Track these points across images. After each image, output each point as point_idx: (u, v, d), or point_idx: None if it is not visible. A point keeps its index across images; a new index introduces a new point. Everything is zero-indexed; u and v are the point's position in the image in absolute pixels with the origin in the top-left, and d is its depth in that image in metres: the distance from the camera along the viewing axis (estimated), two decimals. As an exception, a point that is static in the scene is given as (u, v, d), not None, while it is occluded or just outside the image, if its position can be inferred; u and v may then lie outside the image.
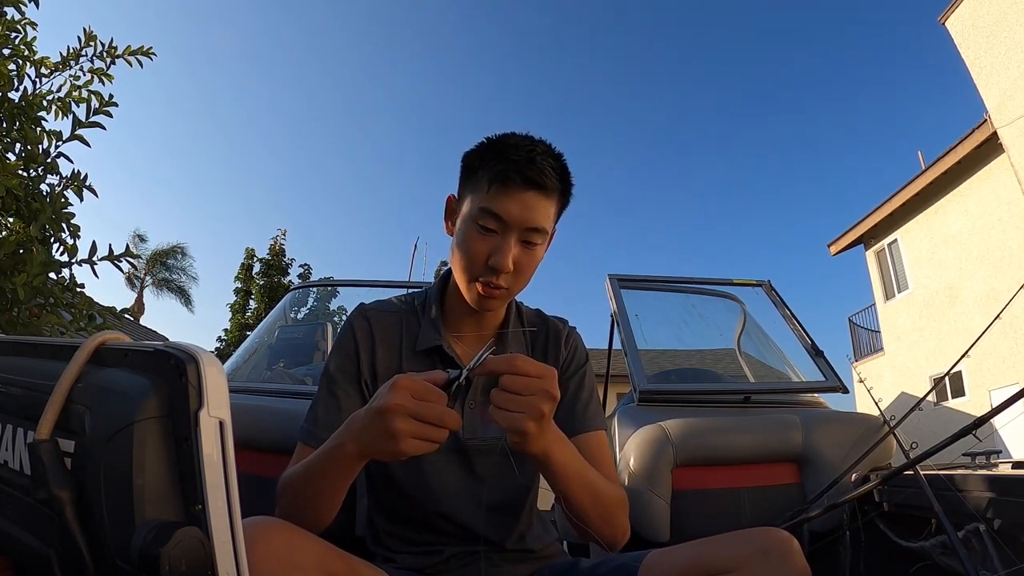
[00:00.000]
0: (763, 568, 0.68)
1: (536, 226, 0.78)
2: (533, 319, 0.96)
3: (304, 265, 12.03)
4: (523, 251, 0.79)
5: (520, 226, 0.77)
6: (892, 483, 1.20)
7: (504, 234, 0.77)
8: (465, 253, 0.79)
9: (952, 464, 1.25)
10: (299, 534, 0.62)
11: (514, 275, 0.79)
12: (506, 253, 0.76)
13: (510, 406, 0.63)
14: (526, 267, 0.80)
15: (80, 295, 1.53)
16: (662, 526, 1.35)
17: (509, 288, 0.80)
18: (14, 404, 0.50)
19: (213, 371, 0.40)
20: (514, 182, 0.76)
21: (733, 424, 1.50)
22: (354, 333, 0.87)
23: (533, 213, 0.77)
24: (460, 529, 0.86)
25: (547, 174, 0.77)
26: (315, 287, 3.53)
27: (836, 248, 11.70)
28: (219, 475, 0.39)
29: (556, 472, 0.73)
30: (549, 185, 0.77)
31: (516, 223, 0.77)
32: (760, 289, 2.24)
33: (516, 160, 0.76)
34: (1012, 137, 7.69)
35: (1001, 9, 7.89)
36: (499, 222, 0.77)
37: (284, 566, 0.58)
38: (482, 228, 0.77)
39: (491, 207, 0.76)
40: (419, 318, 0.90)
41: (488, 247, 0.77)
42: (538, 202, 0.77)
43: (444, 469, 0.86)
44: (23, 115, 1.54)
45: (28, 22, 1.62)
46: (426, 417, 0.59)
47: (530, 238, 0.79)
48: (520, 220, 0.77)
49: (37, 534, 0.45)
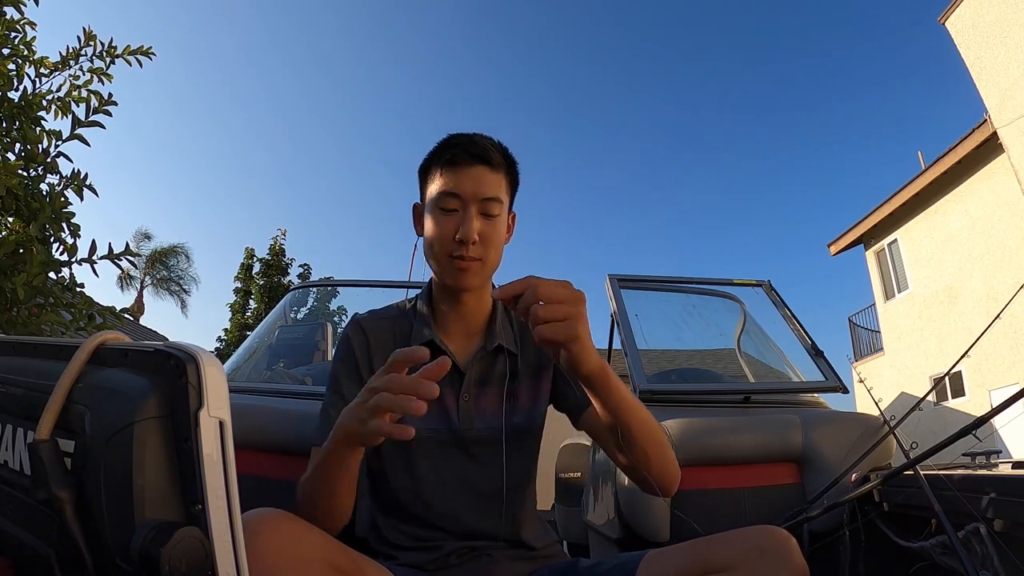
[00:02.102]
0: (761, 566, 0.68)
1: (490, 196, 0.84)
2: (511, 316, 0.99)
3: (304, 265, 12.05)
4: (485, 223, 0.85)
5: (476, 198, 0.84)
6: (892, 483, 1.20)
7: (464, 209, 0.84)
8: (434, 235, 0.85)
9: (952, 464, 1.25)
10: (303, 526, 0.63)
11: (483, 246, 0.84)
12: (469, 223, 0.82)
13: (557, 314, 0.62)
14: (491, 237, 0.85)
15: (80, 295, 1.53)
16: (662, 526, 1.35)
17: (482, 259, 0.85)
18: (14, 404, 0.50)
19: (213, 371, 0.40)
20: (462, 159, 0.84)
21: (733, 424, 1.50)
22: (351, 344, 0.91)
23: (485, 186, 0.84)
24: (460, 524, 0.87)
25: (489, 149, 0.85)
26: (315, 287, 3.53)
27: (836, 248, 11.70)
28: (219, 475, 0.39)
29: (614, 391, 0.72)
30: (494, 159, 0.85)
31: (471, 196, 0.83)
32: (760, 289, 2.24)
33: (459, 143, 0.85)
34: (1012, 137, 7.69)
35: (1001, 9, 7.89)
36: (457, 199, 0.84)
37: (288, 557, 0.59)
38: (443, 211, 0.84)
39: (448, 188, 0.84)
40: (410, 320, 0.94)
41: (453, 225, 0.83)
42: (486, 175, 0.84)
43: (443, 464, 0.88)
44: (23, 115, 1.54)
45: (28, 22, 1.62)
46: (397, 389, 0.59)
47: (488, 209, 0.85)
48: (474, 193, 0.83)
49: (37, 534, 0.45)
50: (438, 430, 0.88)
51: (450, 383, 0.90)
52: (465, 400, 0.89)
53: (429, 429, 0.87)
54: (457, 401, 0.89)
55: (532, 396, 0.93)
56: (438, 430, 0.88)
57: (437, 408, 0.89)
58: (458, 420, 0.89)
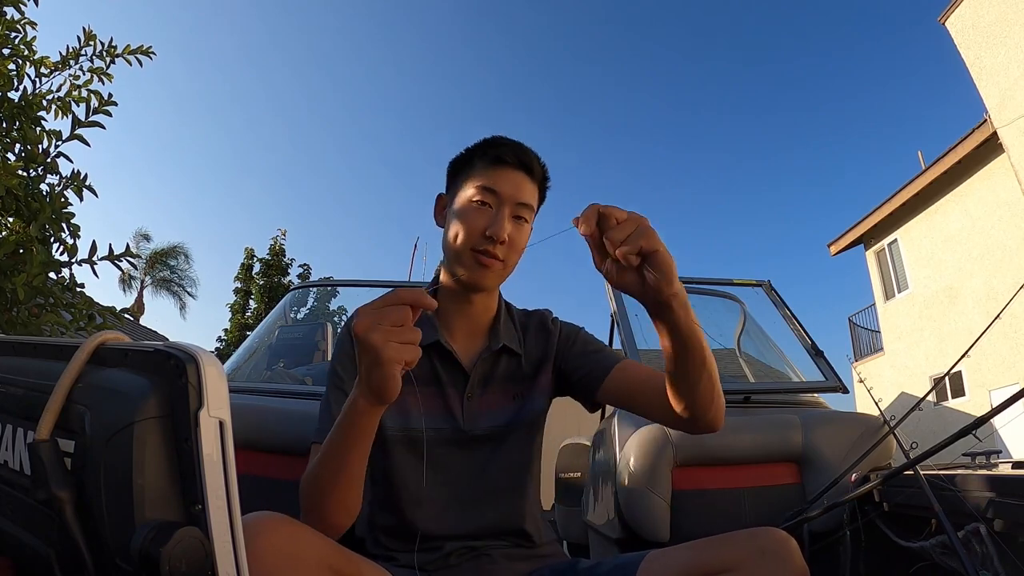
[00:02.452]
0: (761, 567, 0.68)
1: (526, 202, 0.86)
2: (518, 314, 1.01)
3: (304, 265, 12.04)
4: (515, 226, 0.85)
5: (513, 200, 0.85)
6: (892, 483, 1.20)
7: (499, 208, 0.84)
8: (463, 226, 0.84)
9: (952, 464, 1.25)
10: (302, 528, 0.63)
11: (508, 248, 0.85)
12: (502, 222, 0.83)
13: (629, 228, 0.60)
14: (517, 241, 0.86)
15: (80, 295, 1.53)
16: (662, 526, 1.35)
17: (504, 260, 0.85)
18: (14, 404, 0.50)
19: (213, 371, 0.40)
20: (509, 162, 0.86)
21: (733, 424, 1.50)
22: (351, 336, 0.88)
23: (523, 192, 0.86)
24: (461, 524, 0.87)
25: (534, 159, 0.88)
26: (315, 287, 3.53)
27: (836, 248, 11.70)
28: (219, 475, 0.39)
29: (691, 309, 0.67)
30: (536, 170, 0.88)
31: (509, 198, 0.85)
32: (760, 289, 2.24)
33: (507, 144, 0.87)
34: (1012, 137, 7.68)
35: (1001, 9, 7.89)
36: (494, 196, 0.84)
37: (287, 559, 0.59)
38: (479, 203, 0.84)
39: (487, 184, 0.84)
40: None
41: (485, 219, 0.84)
42: (526, 183, 0.87)
43: (448, 463, 0.88)
44: (23, 115, 1.53)
45: (28, 22, 1.62)
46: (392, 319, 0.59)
47: (521, 213, 0.86)
48: (513, 195, 0.85)
49: (37, 534, 0.45)
50: (442, 430, 0.88)
51: (454, 383, 0.90)
52: (470, 399, 0.90)
53: (434, 429, 0.88)
54: (462, 401, 0.90)
55: (534, 394, 0.95)
56: (442, 430, 0.88)
57: (442, 408, 0.89)
58: (463, 419, 0.89)
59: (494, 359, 0.93)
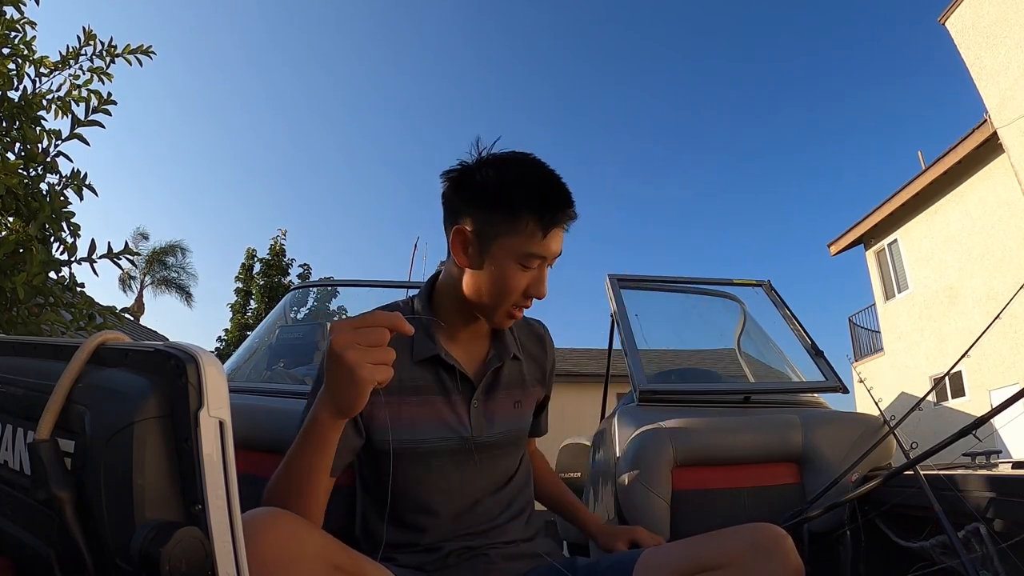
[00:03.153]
0: (756, 563, 0.69)
1: (560, 253, 0.87)
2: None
3: (304, 265, 12.04)
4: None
5: (554, 258, 0.86)
6: (892, 483, 1.20)
7: (542, 267, 0.85)
8: (506, 287, 0.83)
9: (952, 464, 1.25)
10: (303, 525, 0.63)
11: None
12: (544, 282, 0.85)
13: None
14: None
15: (80, 294, 1.53)
16: (662, 526, 1.35)
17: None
18: (14, 404, 0.50)
19: (213, 371, 0.40)
20: (558, 225, 0.84)
21: (733, 424, 1.50)
22: None
23: (561, 245, 0.87)
24: (463, 526, 0.87)
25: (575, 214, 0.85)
26: (315, 287, 3.53)
27: (836, 248, 11.69)
28: (219, 475, 0.39)
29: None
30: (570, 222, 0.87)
31: (553, 257, 0.86)
32: (760, 289, 2.24)
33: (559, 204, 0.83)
34: (1012, 137, 7.68)
35: (1001, 9, 7.89)
36: (543, 261, 0.84)
37: (288, 555, 0.59)
38: (523, 267, 0.83)
39: (539, 251, 0.82)
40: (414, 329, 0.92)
41: (528, 279, 0.84)
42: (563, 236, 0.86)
43: (453, 471, 0.88)
44: (23, 114, 1.53)
45: (28, 21, 1.62)
46: (369, 339, 0.61)
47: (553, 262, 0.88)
48: (556, 254, 0.86)
49: (37, 534, 0.45)
50: (449, 439, 0.88)
51: (460, 391, 0.91)
52: (475, 407, 0.91)
53: (440, 439, 0.88)
54: (468, 409, 0.90)
55: (533, 399, 0.99)
56: (449, 439, 0.88)
57: (449, 417, 0.89)
58: (470, 427, 0.89)
59: (499, 367, 0.94)
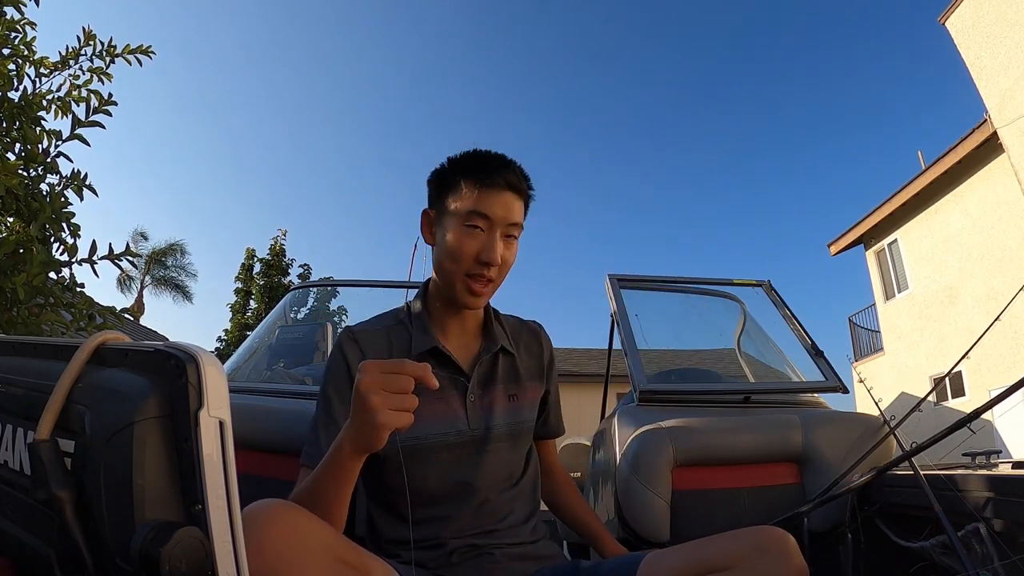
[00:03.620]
0: (760, 565, 0.69)
1: (515, 221, 0.89)
2: (508, 320, 1.04)
3: (304, 265, 12.03)
4: (505, 245, 0.88)
5: (503, 223, 0.87)
6: (892, 483, 1.20)
7: (490, 231, 0.86)
8: (456, 251, 0.86)
9: (952, 464, 1.25)
10: (309, 518, 0.64)
11: (499, 269, 0.88)
12: (495, 247, 0.86)
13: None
14: (508, 260, 0.89)
15: (80, 295, 1.53)
16: (662, 526, 1.35)
17: (494, 280, 0.89)
18: (14, 404, 0.50)
19: (213, 371, 0.40)
20: (497, 185, 0.86)
21: (733, 424, 1.50)
22: (344, 354, 0.90)
23: (512, 212, 0.88)
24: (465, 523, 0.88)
25: (521, 179, 0.89)
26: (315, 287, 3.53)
27: (836, 248, 11.69)
28: (219, 475, 0.39)
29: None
30: (522, 187, 0.89)
31: (500, 220, 0.86)
32: (760, 289, 2.24)
33: (494, 166, 0.87)
34: (1012, 137, 7.68)
35: (1001, 9, 7.89)
36: (486, 220, 0.86)
37: (295, 545, 0.60)
38: (470, 227, 0.86)
39: (478, 208, 0.85)
40: (407, 328, 0.94)
41: (478, 244, 0.86)
42: (514, 202, 0.88)
43: (454, 466, 0.89)
44: (23, 115, 1.53)
45: (28, 22, 1.62)
46: (395, 386, 0.62)
47: (511, 232, 0.89)
48: (503, 218, 0.87)
49: (37, 534, 0.45)
50: (447, 434, 0.89)
51: (455, 386, 0.91)
52: (472, 401, 0.91)
53: (439, 434, 0.88)
54: (464, 403, 0.91)
55: (531, 395, 0.98)
56: (447, 434, 0.89)
57: (446, 412, 0.89)
58: (467, 422, 0.90)
59: (492, 360, 0.95)
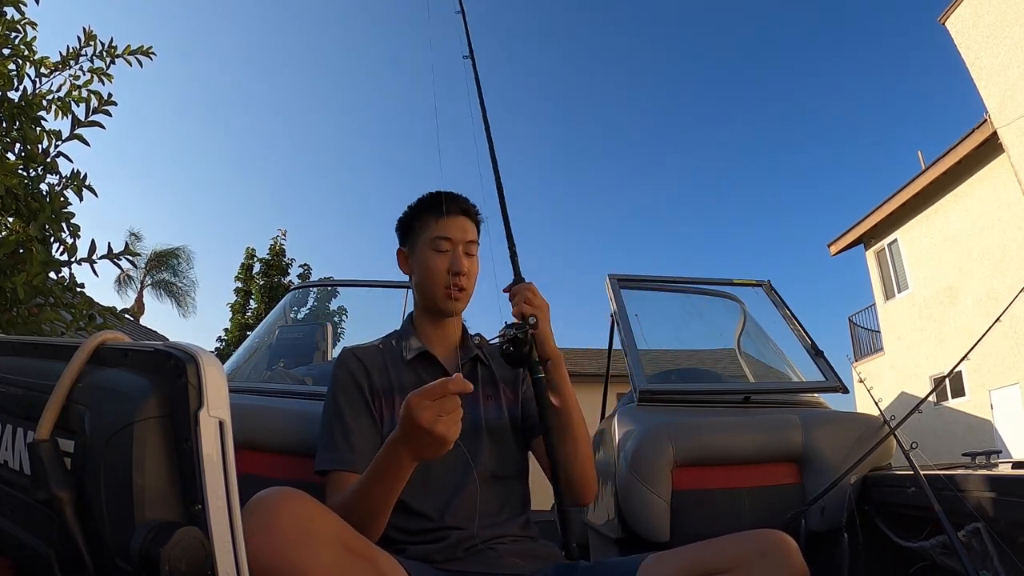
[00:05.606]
0: (761, 568, 0.69)
1: (472, 239, 1.08)
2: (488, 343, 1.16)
3: (304, 265, 12.01)
4: (467, 260, 1.06)
5: (462, 240, 1.06)
6: (892, 483, 1.20)
7: (454, 249, 1.06)
8: (431, 269, 1.05)
9: (952, 464, 1.25)
10: (319, 506, 0.68)
11: (467, 278, 1.06)
12: (461, 260, 1.05)
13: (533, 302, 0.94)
14: (472, 272, 1.08)
15: (80, 295, 1.53)
16: (662, 526, 1.35)
17: (466, 289, 1.06)
18: (14, 404, 0.50)
19: (213, 371, 0.40)
20: (452, 212, 1.07)
21: (733, 424, 1.50)
22: (349, 367, 1.03)
23: (467, 232, 1.08)
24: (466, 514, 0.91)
25: (469, 205, 1.11)
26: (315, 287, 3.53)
27: (836, 248, 11.69)
28: (219, 475, 0.39)
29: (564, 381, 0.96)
30: (471, 211, 1.10)
31: (459, 239, 1.06)
32: (760, 289, 2.24)
33: (449, 200, 1.08)
34: (1012, 137, 7.68)
35: (1001, 9, 7.89)
36: (449, 241, 1.06)
37: (304, 531, 0.63)
38: (437, 251, 1.05)
39: (441, 233, 1.06)
40: (398, 343, 1.09)
41: (446, 261, 1.05)
42: (468, 224, 1.09)
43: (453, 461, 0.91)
44: (23, 115, 1.54)
45: (28, 22, 1.62)
46: (448, 408, 0.70)
47: (470, 250, 1.08)
48: (461, 237, 1.06)
49: (37, 534, 0.45)
50: None
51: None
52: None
53: None
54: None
55: (508, 399, 1.07)
56: None
57: None
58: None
59: (470, 366, 1.07)
